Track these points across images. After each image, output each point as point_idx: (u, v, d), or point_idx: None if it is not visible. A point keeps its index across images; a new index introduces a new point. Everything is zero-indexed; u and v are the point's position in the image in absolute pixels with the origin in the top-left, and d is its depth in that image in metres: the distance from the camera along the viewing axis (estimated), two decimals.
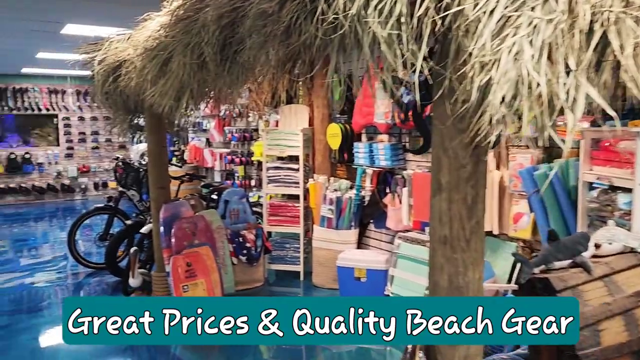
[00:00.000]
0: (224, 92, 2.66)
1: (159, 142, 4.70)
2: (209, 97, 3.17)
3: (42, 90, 11.53)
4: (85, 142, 12.11)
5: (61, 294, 5.26)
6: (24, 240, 7.87)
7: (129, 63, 3.45)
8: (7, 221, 9.59)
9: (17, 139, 11.58)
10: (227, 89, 2.60)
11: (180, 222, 4.63)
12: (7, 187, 11.21)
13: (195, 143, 8.88)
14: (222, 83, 2.55)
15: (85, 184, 12.10)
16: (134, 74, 3.22)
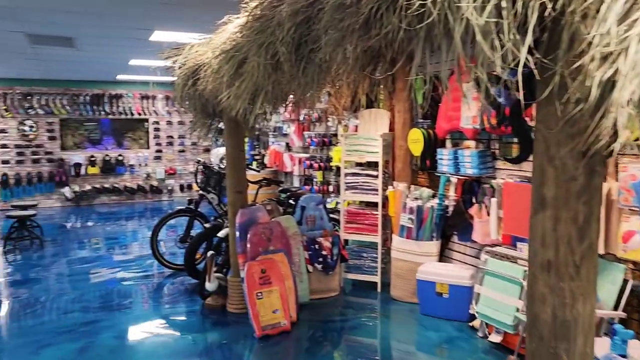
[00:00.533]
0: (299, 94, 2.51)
1: (237, 146, 4.68)
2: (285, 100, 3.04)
3: (135, 96, 12.15)
4: (172, 145, 12.61)
5: (143, 293, 5.38)
6: (114, 239, 8.24)
7: (207, 66, 3.42)
8: (100, 219, 10.16)
9: (112, 141, 12.27)
10: (302, 91, 2.46)
11: (256, 227, 4.57)
12: (101, 187, 11.91)
13: (275, 147, 8.91)
14: (297, 85, 2.40)
15: (172, 185, 12.59)
16: (210, 76, 3.17)
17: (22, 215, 7.27)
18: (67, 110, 11.55)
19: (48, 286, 5.67)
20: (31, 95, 11.25)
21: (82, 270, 6.28)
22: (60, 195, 11.61)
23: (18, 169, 11.24)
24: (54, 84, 11.40)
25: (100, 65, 9.16)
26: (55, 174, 11.47)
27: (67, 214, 10.71)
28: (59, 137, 11.60)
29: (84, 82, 11.64)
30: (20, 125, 11.21)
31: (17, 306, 5.00)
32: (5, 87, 11.06)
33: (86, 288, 5.53)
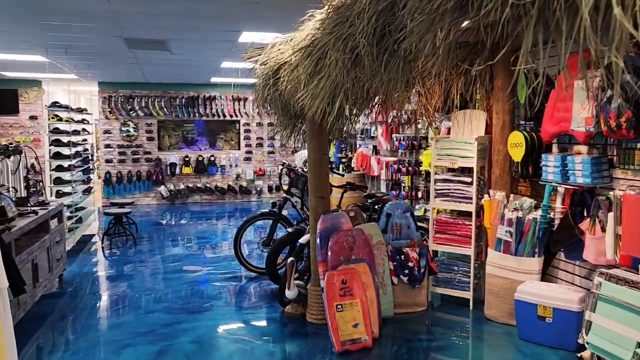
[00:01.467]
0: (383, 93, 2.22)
1: (319, 149, 4.46)
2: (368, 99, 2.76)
3: (227, 98, 12.43)
4: (262, 147, 12.76)
5: (224, 295, 5.34)
6: (204, 238, 8.40)
7: (287, 65, 3.23)
8: (192, 218, 10.47)
9: (205, 142, 12.65)
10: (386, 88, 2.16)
11: (338, 235, 4.32)
12: (194, 186, 12.31)
13: (362, 150, 8.64)
14: (379, 82, 2.12)
15: (261, 186, 12.74)
16: (289, 75, 2.97)
17: (118, 213, 7.60)
18: (165, 112, 12.06)
19: (136, 283, 5.81)
20: (132, 98, 11.87)
21: (169, 268, 6.40)
22: (157, 193, 12.15)
23: (120, 167, 11.90)
24: (153, 87, 11.95)
25: (194, 68, 9.42)
26: (152, 173, 12.02)
27: (162, 212, 11.16)
28: (157, 138, 12.14)
29: (180, 85, 12.09)
30: (123, 127, 11.86)
31: (105, 303, 5.15)
32: (110, 90, 11.76)
33: (171, 287, 5.59)
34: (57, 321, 4.64)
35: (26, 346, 4.10)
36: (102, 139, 11.82)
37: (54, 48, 7.03)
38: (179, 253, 7.29)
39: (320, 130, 4.33)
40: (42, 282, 4.94)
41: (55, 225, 5.55)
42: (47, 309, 4.90)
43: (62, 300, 5.19)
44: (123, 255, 7.33)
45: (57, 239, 5.54)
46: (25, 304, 4.42)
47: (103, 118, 11.80)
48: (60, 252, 5.64)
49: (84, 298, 5.28)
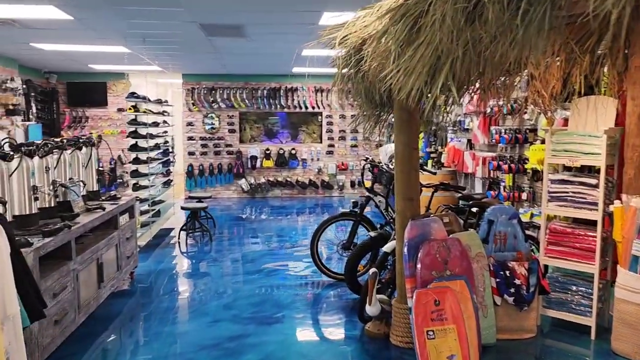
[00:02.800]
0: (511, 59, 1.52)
1: (409, 143, 3.78)
2: (481, 74, 2.05)
3: (310, 89, 11.96)
4: (344, 140, 12.18)
5: (298, 304, 4.81)
6: (282, 236, 7.98)
7: (373, 39, 2.59)
8: (272, 213, 10.13)
9: (287, 135, 12.29)
10: (518, 55, 1.46)
11: (430, 245, 3.63)
12: (275, 180, 11.99)
13: (454, 144, 7.79)
14: (509, 44, 1.43)
15: (343, 181, 12.18)
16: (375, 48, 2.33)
17: (194, 207, 7.35)
18: (246, 104, 11.82)
19: (207, 285, 5.45)
20: (215, 90, 11.73)
21: (243, 269, 6.00)
22: (237, 187, 11.96)
23: (202, 160, 11.83)
24: (235, 78, 11.74)
25: (274, 57, 9.00)
26: (233, 165, 11.84)
27: (243, 206, 10.92)
28: (238, 130, 11.94)
29: (261, 76, 11.79)
30: (205, 119, 11.77)
31: (173, 306, 4.80)
32: (193, 82, 11.70)
33: (243, 291, 5.16)
34: (121, 326, 4.34)
35: (87, 352, 3.80)
36: (185, 132, 11.80)
37: (132, 37, 6.85)
38: (255, 252, 6.89)
39: (410, 119, 3.65)
40: (109, 281, 4.68)
41: (126, 220, 5.31)
42: (114, 310, 4.63)
43: (130, 301, 4.92)
44: (198, 252, 7.06)
45: (128, 235, 5.29)
46: (88, 306, 4.14)
47: (186, 110, 11.77)
48: (131, 249, 5.40)
49: (152, 299, 4.98)
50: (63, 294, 3.65)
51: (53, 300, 3.48)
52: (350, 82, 3.39)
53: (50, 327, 3.43)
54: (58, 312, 3.55)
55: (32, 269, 3.19)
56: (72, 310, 3.80)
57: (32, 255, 3.20)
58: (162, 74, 11.58)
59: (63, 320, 3.63)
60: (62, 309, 3.62)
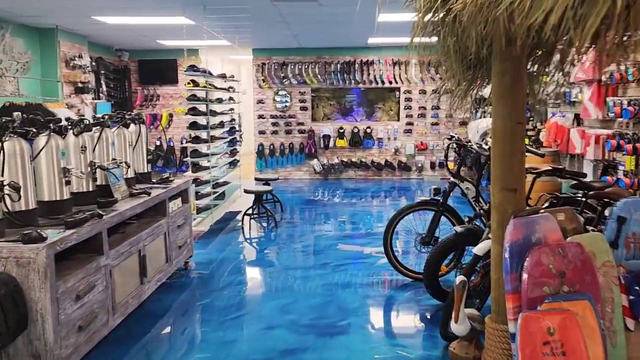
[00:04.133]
0: None
1: (512, 116, 2.86)
2: None
3: (387, 63, 11.02)
4: (424, 118, 11.15)
5: (367, 309, 4.07)
6: (354, 223, 7.26)
7: None
8: (345, 196, 9.42)
9: (362, 113, 11.46)
10: None
11: (541, 251, 2.72)
12: (349, 160, 11.24)
13: (557, 120, 6.62)
14: None
15: (422, 162, 11.20)
16: None
17: (258, 191, 6.77)
18: (319, 79, 11.09)
19: (265, 280, 4.85)
20: (286, 65, 11.10)
21: (307, 263, 5.34)
22: (310, 167, 11.34)
23: (272, 139, 11.31)
24: (307, 52, 11.03)
25: (348, 26, 8.16)
26: (305, 145, 11.21)
27: (315, 188, 10.30)
28: (310, 108, 11.27)
29: (335, 49, 11.00)
30: (276, 96, 11.20)
31: (225, 305, 4.22)
32: (264, 57, 11.13)
33: (304, 290, 4.50)
34: (162, 328, 3.81)
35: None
36: (255, 110, 11.30)
37: (191, 6, 6.31)
38: (323, 241, 6.21)
39: (515, 83, 2.74)
40: (155, 275, 4.18)
41: (178, 206, 4.79)
42: (160, 308, 4.12)
43: (180, 297, 4.40)
44: (261, 239, 6.50)
45: (180, 222, 4.78)
46: (126, 306, 3.64)
47: (257, 87, 11.25)
48: (185, 238, 4.89)
49: (203, 295, 4.44)
50: (91, 294, 3.14)
51: (76, 303, 2.97)
52: (434, 31, 2.54)
53: (72, 335, 2.93)
54: (83, 317, 3.05)
55: (45, 269, 2.68)
56: (103, 312, 3.29)
57: (45, 252, 2.67)
58: (233, 50, 11.10)
59: (91, 325, 3.12)
60: (89, 312, 3.11)
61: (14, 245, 2.69)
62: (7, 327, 2.55)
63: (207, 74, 6.71)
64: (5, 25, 7.24)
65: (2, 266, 2.68)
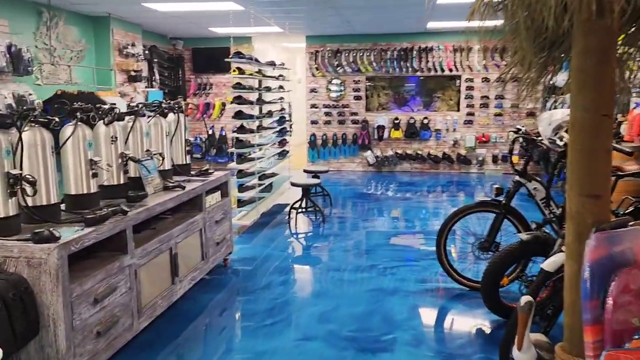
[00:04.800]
0: None
1: (597, 106, 2.34)
2: None
3: (447, 49, 10.37)
4: (487, 108, 10.44)
5: (415, 323, 3.65)
6: (407, 220, 6.82)
7: None
8: (399, 190, 8.95)
9: (419, 102, 10.90)
10: None
11: (629, 274, 2.22)
12: (404, 153, 10.72)
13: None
14: None
15: (483, 155, 10.52)
16: None
17: (305, 184, 6.44)
18: (374, 67, 10.61)
19: (306, 281, 4.53)
20: (340, 53, 10.69)
21: (353, 264, 4.96)
22: (363, 159, 10.92)
23: (325, 129, 10.96)
24: (362, 39, 10.57)
25: (404, 9, 7.65)
26: (358, 136, 10.79)
27: (367, 180, 9.88)
28: (364, 97, 10.81)
29: (391, 36, 10.47)
30: (329, 85, 10.82)
31: (260, 308, 3.92)
32: (317, 45, 10.77)
33: (347, 295, 4.14)
34: (192, 333, 3.55)
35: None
36: (308, 99, 10.98)
37: None
38: (372, 239, 5.82)
39: (601, 67, 2.23)
40: (188, 274, 3.94)
41: (217, 200, 4.53)
42: (193, 309, 3.88)
43: (216, 297, 4.14)
44: (307, 235, 6.18)
45: (219, 217, 4.52)
46: (154, 308, 3.41)
47: (310, 76, 10.92)
48: (223, 233, 4.63)
49: (240, 296, 4.17)
50: (112, 297, 2.91)
51: (94, 307, 2.74)
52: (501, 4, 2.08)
53: (89, 342, 2.70)
54: (102, 321, 2.82)
55: (57, 271, 2.45)
56: (126, 315, 3.06)
57: (56, 253, 2.44)
58: (287, 38, 10.81)
59: (111, 330, 2.90)
60: (109, 316, 2.88)
61: (26, 244, 2.48)
62: (14, 333, 2.35)
63: (253, 61, 6.42)
64: (59, 13, 7.25)
65: (13, 267, 2.48)
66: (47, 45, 7.05)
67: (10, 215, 2.63)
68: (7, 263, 2.48)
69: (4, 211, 2.59)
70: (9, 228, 2.60)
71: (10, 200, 2.62)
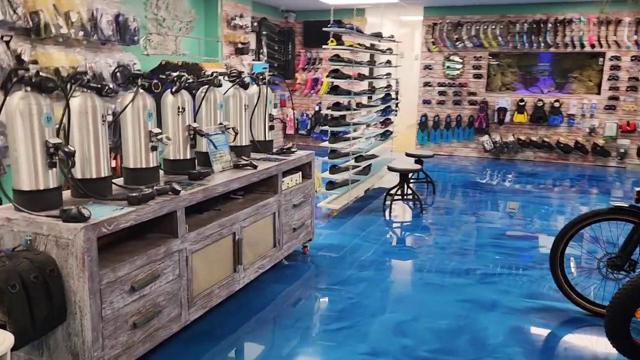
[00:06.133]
0: None
1: None
2: None
3: (590, 21, 8.94)
4: (635, 92, 8.88)
5: (514, 350, 2.96)
6: (524, 218, 5.95)
7: None
8: (518, 181, 7.95)
9: (550, 83, 9.59)
10: None
11: None
12: (528, 139, 9.54)
13: None
14: None
15: (626, 147, 9.01)
16: None
17: (402, 169, 5.82)
18: (499, 43, 9.49)
19: (385, 282, 3.97)
20: (461, 25, 9.70)
21: (447, 265, 4.31)
22: (479, 144, 9.93)
23: (438, 110, 10.11)
24: (488, 9, 9.48)
25: None
26: (475, 118, 9.80)
27: (482, 168, 8.94)
28: (486, 76, 9.76)
29: (524, 6, 9.26)
30: (446, 61, 9.91)
31: (329, 309, 3.47)
32: (436, 16, 9.88)
33: (434, 302, 3.53)
34: (248, 330, 3.19)
35: None
36: (422, 76, 10.17)
37: None
38: (476, 237, 5.08)
39: None
40: (256, 261, 3.59)
41: (296, 182, 4.13)
42: (257, 302, 3.53)
43: (283, 290, 3.74)
44: (402, 226, 5.59)
45: (297, 200, 4.12)
46: (209, 298, 3.09)
47: (425, 51, 10.09)
48: (302, 218, 4.23)
49: (311, 290, 3.76)
50: (154, 284, 2.62)
51: (130, 295, 2.47)
52: None
53: (123, 333, 2.44)
54: (141, 311, 2.54)
55: (83, 255, 2.18)
56: (173, 305, 2.77)
57: (83, 234, 2.17)
58: (403, 10, 10.05)
59: (152, 321, 2.62)
60: (150, 305, 2.60)
61: (55, 221, 2.24)
62: (33, 320, 2.13)
63: (354, 31, 5.86)
64: None
65: (43, 245, 2.26)
66: (156, 15, 7.09)
67: (51, 187, 2.42)
68: (37, 241, 2.27)
69: (44, 183, 2.38)
70: (46, 202, 2.39)
71: (51, 171, 2.40)
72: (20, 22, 4.73)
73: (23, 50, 4.87)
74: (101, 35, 5.54)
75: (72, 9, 5.24)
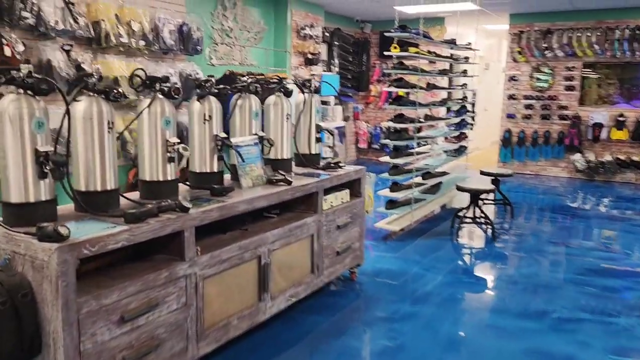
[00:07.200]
0: None
1: None
2: None
3: None
4: None
5: None
6: (620, 249, 5.10)
7: None
8: (616, 206, 6.97)
9: None
10: None
11: None
12: (628, 159, 8.42)
13: None
14: None
15: None
16: None
17: (473, 189, 5.18)
18: (595, 51, 8.49)
19: (436, 323, 3.40)
20: (551, 33, 8.82)
21: (515, 305, 3.66)
22: (569, 163, 8.92)
23: (523, 125, 9.23)
24: (582, 16, 8.54)
25: None
26: (566, 135, 8.82)
27: (573, 190, 7.99)
28: (579, 88, 8.77)
29: (624, 11, 8.23)
30: (534, 72, 9.04)
31: (363, 350, 2.98)
32: (522, 24, 9.07)
33: (488, 354, 2.94)
34: None
35: None
36: (506, 88, 9.36)
37: None
38: (557, 271, 4.36)
39: None
40: (288, 289, 3.19)
41: (343, 200, 3.70)
42: (282, 336, 3.13)
43: (319, 324, 3.31)
44: (470, 254, 4.97)
45: (343, 221, 3.68)
46: (225, 330, 2.73)
47: (510, 61, 9.28)
48: (349, 241, 3.78)
49: (350, 327, 3.29)
50: (152, 314, 2.30)
51: (119, 327, 2.15)
52: None
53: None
54: (133, 345, 2.22)
55: (57, 279, 1.90)
56: (177, 337, 2.44)
57: (57, 255, 1.89)
58: (486, 18, 9.33)
59: (148, 355, 2.29)
60: (145, 338, 2.28)
61: (31, 240, 1.98)
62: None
63: (420, 37, 5.34)
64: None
65: (20, 265, 2.01)
66: (224, 25, 7.00)
67: (43, 200, 2.18)
68: (16, 260, 2.02)
69: (34, 195, 2.15)
70: (37, 215, 2.14)
71: (43, 182, 2.17)
72: (80, 32, 4.73)
73: (84, 60, 4.88)
74: (163, 44, 5.46)
75: (134, 18, 5.22)
